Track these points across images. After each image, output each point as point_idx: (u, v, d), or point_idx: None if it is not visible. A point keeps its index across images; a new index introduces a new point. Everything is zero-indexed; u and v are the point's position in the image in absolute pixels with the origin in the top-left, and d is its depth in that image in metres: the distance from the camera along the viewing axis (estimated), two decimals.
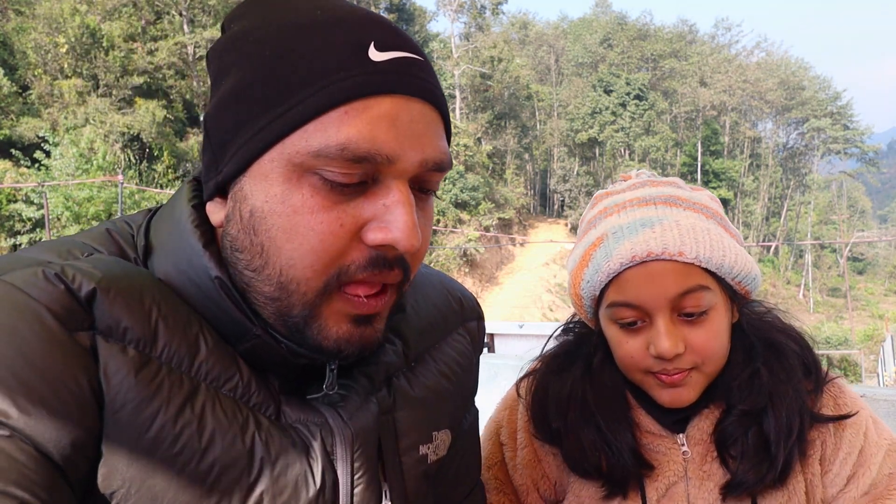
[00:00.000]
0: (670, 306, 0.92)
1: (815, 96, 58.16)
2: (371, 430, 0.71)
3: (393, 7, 45.11)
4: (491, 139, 43.95)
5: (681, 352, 0.92)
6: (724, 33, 63.50)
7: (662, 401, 0.97)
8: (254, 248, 0.63)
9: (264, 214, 0.61)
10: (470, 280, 37.14)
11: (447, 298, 0.91)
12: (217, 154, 0.64)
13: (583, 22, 64.10)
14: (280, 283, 0.63)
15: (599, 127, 50.18)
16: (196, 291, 0.65)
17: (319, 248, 0.61)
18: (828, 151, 58.65)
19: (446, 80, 44.17)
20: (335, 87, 0.60)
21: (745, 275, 0.96)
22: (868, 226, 79.90)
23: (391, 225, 0.61)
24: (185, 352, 0.63)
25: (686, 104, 54.06)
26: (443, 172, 0.67)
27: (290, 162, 0.60)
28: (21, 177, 21.92)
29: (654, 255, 0.91)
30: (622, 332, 0.97)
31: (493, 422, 1.15)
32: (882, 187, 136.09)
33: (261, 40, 0.63)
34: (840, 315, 49.70)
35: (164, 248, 0.68)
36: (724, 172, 53.36)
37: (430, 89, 0.65)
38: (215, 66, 0.67)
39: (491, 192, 38.97)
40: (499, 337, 4.82)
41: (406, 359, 0.80)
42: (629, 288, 0.93)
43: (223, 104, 0.64)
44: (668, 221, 0.94)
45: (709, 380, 0.97)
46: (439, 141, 0.66)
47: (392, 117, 0.61)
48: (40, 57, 26.29)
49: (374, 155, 0.60)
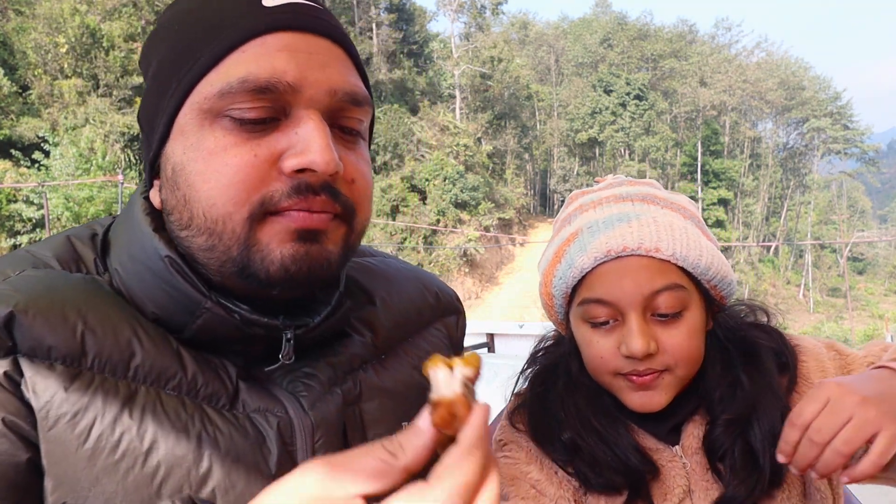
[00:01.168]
0: (644, 304, 0.89)
1: (815, 96, 58.12)
2: (334, 420, 0.71)
3: (393, 7, 45.07)
4: (491, 139, 43.91)
5: (653, 352, 0.89)
6: (724, 33, 63.51)
7: (633, 405, 0.93)
8: (179, 203, 0.65)
9: (183, 165, 0.64)
10: (470, 280, 37.11)
11: (423, 292, 0.90)
12: (148, 137, 0.68)
13: (583, 22, 64.06)
14: (208, 229, 0.64)
15: (599, 127, 50.17)
16: (150, 276, 0.67)
17: (236, 180, 0.62)
18: (828, 151, 58.62)
19: (446, 80, 44.18)
20: (231, 34, 0.63)
21: (720, 278, 0.94)
22: (868, 226, 79.86)
23: (305, 149, 0.63)
24: (118, 358, 0.63)
25: (686, 104, 54.03)
26: (360, 108, 0.68)
27: (200, 110, 0.63)
28: (21, 177, 21.91)
29: (630, 249, 0.89)
30: (593, 332, 0.94)
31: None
32: (882, 187, 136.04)
33: (166, 24, 0.69)
34: (840, 315, 49.69)
35: (119, 241, 0.71)
36: (724, 172, 53.32)
37: (331, 26, 0.68)
38: (143, 66, 0.71)
39: (491, 192, 38.93)
40: (499, 337, 4.81)
41: (376, 350, 0.79)
42: (602, 284, 0.91)
43: (147, 92, 0.68)
44: (646, 217, 0.92)
45: (681, 384, 0.94)
46: (348, 75, 0.67)
47: (291, 48, 0.64)
48: (40, 57, 26.28)
49: (275, 83, 0.62)
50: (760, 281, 51.20)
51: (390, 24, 43.87)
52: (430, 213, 35.14)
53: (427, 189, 35.91)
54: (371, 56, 40.82)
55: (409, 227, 34.14)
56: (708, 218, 49.85)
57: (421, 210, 35.48)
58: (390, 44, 42.99)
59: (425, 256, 34.73)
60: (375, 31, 42.95)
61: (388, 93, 41.69)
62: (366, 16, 42.64)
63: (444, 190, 35.55)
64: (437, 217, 35.15)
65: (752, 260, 52.85)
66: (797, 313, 52.51)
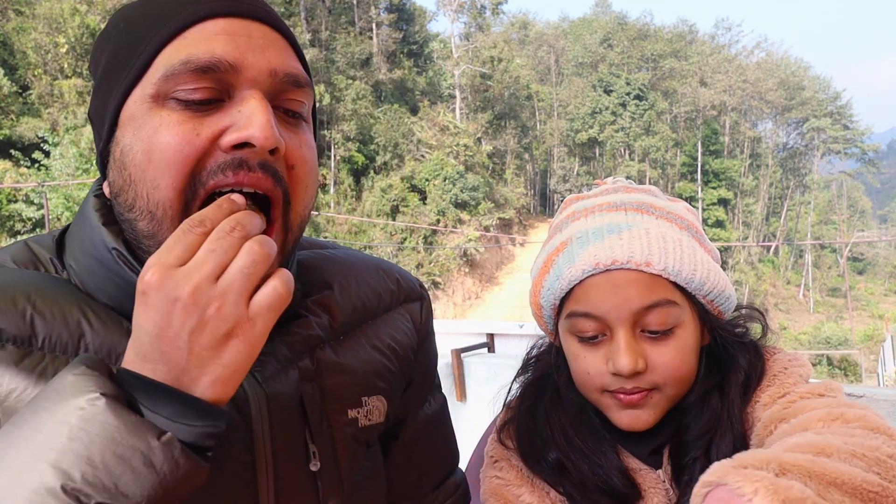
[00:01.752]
0: (633, 320, 0.85)
1: (814, 96, 58.13)
2: (290, 393, 0.74)
3: (393, 7, 45.08)
4: (491, 139, 43.91)
5: (640, 370, 0.85)
6: (724, 33, 63.52)
7: (620, 423, 0.90)
8: (125, 184, 0.67)
9: (131, 145, 0.67)
10: (470, 280, 37.11)
11: (383, 279, 0.92)
12: (99, 130, 0.71)
13: (583, 22, 64.08)
14: (150, 212, 0.66)
15: (599, 127, 50.17)
16: (99, 267, 0.70)
17: (177, 158, 0.65)
18: (828, 151, 58.63)
19: (446, 80, 44.19)
20: (171, 23, 0.67)
21: (717, 293, 0.89)
22: (868, 226, 79.86)
23: (245, 125, 0.65)
24: (68, 337, 0.67)
25: (686, 104, 54.03)
26: (301, 90, 0.71)
27: (146, 95, 0.67)
28: (21, 177, 21.91)
29: (619, 263, 0.85)
30: (580, 346, 0.90)
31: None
32: (882, 187, 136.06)
33: (111, 27, 0.73)
34: (840, 315, 49.69)
35: (74, 237, 0.75)
36: (724, 172, 53.33)
37: (267, 13, 0.71)
38: (92, 67, 0.74)
39: (491, 192, 38.94)
40: (499, 337, 4.80)
41: (333, 332, 0.82)
42: (590, 298, 0.87)
43: (96, 89, 0.72)
44: (638, 229, 0.88)
45: (671, 403, 0.90)
46: (287, 57, 0.71)
47: (229, 32, 0.67)
48: (40, 57, 26.28)
49: (216, 63, 0.65)
50: (760, 281, 51.19)
51: (390, 24, 43.89)
52: (430, 213, 35.15)
53: (427, 189, 35.92)
54: (371, 56, 40.84)
55: (409, 227, 34.14)
56: (708, 218, 49.90)
57: (421, 210, 35.49)
58: (390, 44, 43.01)
59: (425, 256, 34.73)
60: (375, 31, 42.97)
61: (388, 93, 41.71)
62: (366, 16, 42.65)
63: (444, 190, 35.55)
64: (437, 217, 35.15)
65: (752, 260, 52.85)
66: (797, 313, 52.50)
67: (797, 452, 0.65)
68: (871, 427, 0.72)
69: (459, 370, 4.05)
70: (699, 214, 0.99)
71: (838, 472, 0.62)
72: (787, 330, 44.31)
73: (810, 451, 0.65)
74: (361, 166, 37.42)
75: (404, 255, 34.25)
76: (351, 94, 36.26)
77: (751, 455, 0.64)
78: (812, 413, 0.78)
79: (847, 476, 0.62)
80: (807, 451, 0.65)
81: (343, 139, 36.10)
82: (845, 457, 0.65)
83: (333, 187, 35.82)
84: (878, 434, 0.71)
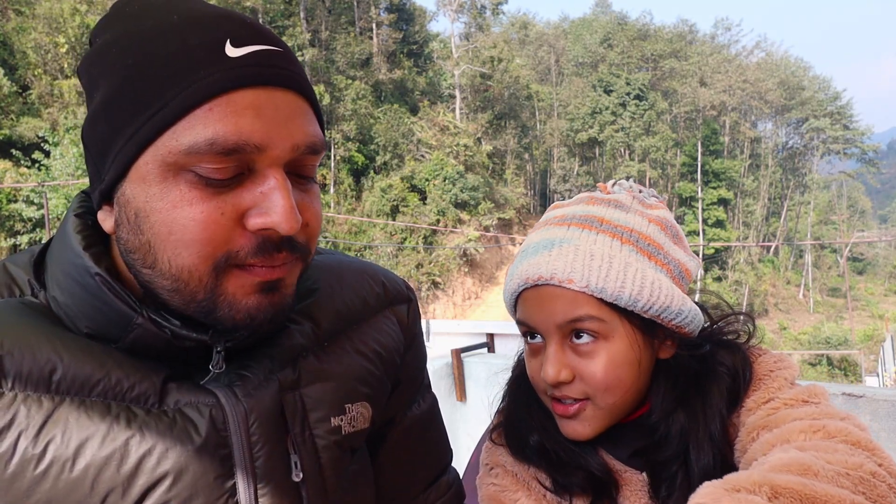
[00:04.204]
0: (559, 332, 0.90)
1: (814, 96, 58.10)
2: (270, 405, 0.74)
3: (393, 7, 45.07)
4: (491, 139, 43.87)
5: (565, 379, 0.89)
6: (724, 33, 63.49)
7: (563, 431, 0.93)
8: (143, 247, 0.66)
9: (147, 213, 0.65)
10: (470, 280, 37.10)
11: (368, 283, 0.92)
12: (98, 164, 0.68)
13: (583, 22, 64.06)
14: (173, 275, 0.66)
15: (599, 127, 50.15)
16: (82, 292, 0.69)
17: (203, 237, 0.64)
18: (827, 151, 58.60)
19: (446, 80, 44.17)
20: (197, 86, 0.63)
21: (660, 308, 0.88)
22: (868, 226, 79.87)
23: (270, 210, 0.65)
24: (39, 375, 0.65)
25: (686, 104, 54.01)
26: (317, 156, 0.71)
27: (164, 162, 0.64)
28: (21, 177, 21.91)
29: (544, 279, 0.89)
30: (528, 349, 0.96)
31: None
32: (882, 187, 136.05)
33: (124, 49, 0.65)
34: (840, 315, 49.71)
35: (54, 260, 0.73)
36: (723, 172, 53.30)
37: (292, 77, 0.68)
38: (86, 81, 0.70)
39: (491, 192, 38.92)
40: (499, 337, 4.80)
41: (318, 339, 0.83)
42: (525, 309, 0.93)
43: (96, 115, 0.67)
44: (568, 245, 0.90)
45: (609, 415, 0.91)
46: (308, 126, 0.69)
47: (256, 107, 0.64)
48: (40, 57, 26.28)
49: (242, 145, 0.63)
50: (760, 281, 51.18)
51: (390, 24, 43.86)
52: (430, 213, 35.13)
53: (427, 189, 35.90)
54: (371, 56, 40.83)
55: (409, 227, 34.13)
56: (708, 218, 49.92)
57: (421, 210, 35.48)
58: (390, 44, 42.99)
59: (425, 256, 34.72)
60: (375, 31, 42.95)
61: (388, 93, 41.69)
62: (366, 16, 42.62)
63: (444, 190, 35.53)
64: (437, 217, 35.14)
65: (752, 260, 52.84)
66: (797, 313, 52.50)
67: (785, 473, 0.66)
68: (853, 441, 0.74)
69: (459, 370, 4.04)
70: (677, 227, 0.97)
71: (829, 496, 0.63)
72: (787, 330, 44.32)
73: (798, 471, 0.66)
74: (361, 166, 37.41)
75: (404, 255, 34.25)
76: (351, 94, 36.24)
77: (743, 477, 0.65)
78: (794, 424, 0.79)
79: (836, 499, 0.63)
80: (795, 472, 0.66)
81: (343, 139, 36.09)
82: (832, 476, 0.66)
83: (333, 187, 35.81)
84: (859, 450, 0.72)
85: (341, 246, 31.10)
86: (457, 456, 1.11)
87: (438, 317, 33.03)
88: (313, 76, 35.72)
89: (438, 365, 3.91)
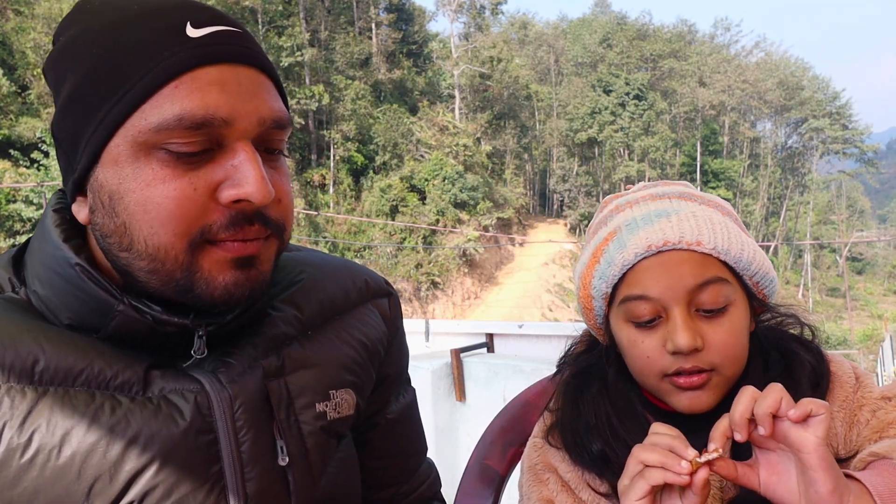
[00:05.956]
0: (688, 299, 0.87)
1: (814, 96, 58.14)
2: (255, 391, 0.76)
3: (393, 7, 45.08)
4: (490, 139, 43.91)
5: (699, 346, 0.86)
6: (724, 33, 63.59)
7: (681, 406, 0.90)
8: (118, 229, 0.68)
9: (121, 194, 0.67)
10: (469, 280, 37.11)
11: (351, 277, 0.94)
12: (70, 154, 0.70)
13: (582, 22, 64.12)
14: (149, 255, 0.67)
15: (599, 127, 50.18)
16: (62, 283, 0.71)
17: (177, 213, 0.66)
18: (827, 151, 58.64)
19: (445, 80, 44.17)
20: (161, 67, 0.65)
21: (762, 274, 0.92)
22: (867, 226, 79.87)
23: (241, 181, 0.67)
24: (21, 367, 0.67)
25: (685, 104, 54.06)
26: (284, 130, 0.73)
27: (134, 142, 0.66)
28: (20, 177, 21.90)
29: (671, 243, 0.87)
30: (637, 332, 0.91)
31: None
32: (881, 187, 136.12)
33: (88, 42, 0.68)
34: (839, 315, 49.72)
35: (34, 255, 0.75)
36: (723, 172, 53.38)
37: (253, 55, 0.71)
38: (52, 77, 0.72)
39: (490, 192, 38.93)
40: (498, 337, 4.80)
41: (302, 327, 0.84)
42: (644, 280, 0.89)
43: (65, 108, 0.69)
44: (685, 212, 0.91)
45: (728, 385, 0.90)
46: (273, 101, 0.72)
47: (220, 83, 0.67)
48: (40, 57, 26.25)
49: (209, 119, 0.65)
50: None
51: (390, 24, 43.89)
52: (430, 213, 35.14)
53: (426, 189, 35.91)
54: (370, 56, 40.84)
55: (409, 227, 34.14)
56: None
57: (420, 210, 35.48)
58: (390, 44, 43.01)
59: (425, 256, 34.73)
60: (375, 31, 42.96)
61: (388, 93, 41.71)
62: (365, 16, 42.63)
63: (443, 190, 35.54)
64: (436, 217, 35.14)
65: None
66: None
67: None
68: None
69: (459, 370, 4.03)
70: None
71: None
72: None
73: None
74: (361, 166, 37.43)
75: (403, 255, 34.25)
76: (350, 93, 36.25)
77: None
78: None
79: None
80: None
81: (342, 139, 36.10)
82: None
83: (332, 187, 35.82)
84: None
85: (341, 246, 31.08)
86: (456, 456, 1.11)
87: (438, 317, 33.02)
88: (313, 76, 35.72)
89: (438, 365, 3.90)
